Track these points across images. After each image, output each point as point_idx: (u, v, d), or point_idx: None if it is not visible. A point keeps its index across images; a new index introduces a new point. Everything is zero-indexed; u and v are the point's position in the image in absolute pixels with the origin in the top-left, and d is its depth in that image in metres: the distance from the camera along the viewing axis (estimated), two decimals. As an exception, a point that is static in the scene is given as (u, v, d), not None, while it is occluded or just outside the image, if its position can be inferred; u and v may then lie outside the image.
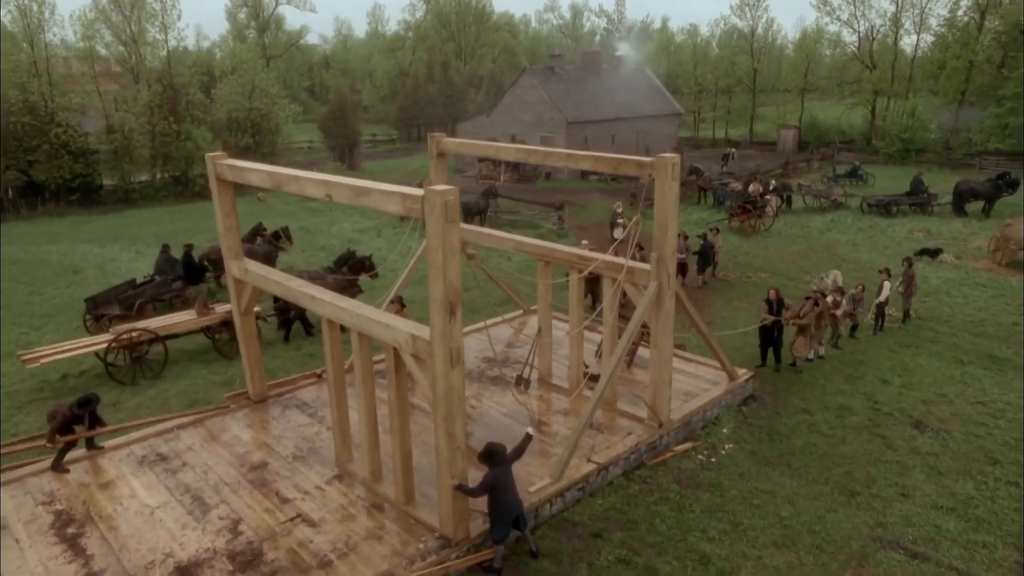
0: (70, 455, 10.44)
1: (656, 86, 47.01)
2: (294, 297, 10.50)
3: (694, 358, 14.12)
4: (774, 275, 21.58)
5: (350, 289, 16.88)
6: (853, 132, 50.59)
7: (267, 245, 20.16)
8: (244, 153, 40.46)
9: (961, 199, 28.28)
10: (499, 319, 16.49)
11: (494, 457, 8.45)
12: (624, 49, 54.94)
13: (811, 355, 14.72)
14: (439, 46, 75.17)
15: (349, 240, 26.36)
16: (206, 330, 15.60)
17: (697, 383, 13.07)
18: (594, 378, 13.17)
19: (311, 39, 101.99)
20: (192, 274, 18.00)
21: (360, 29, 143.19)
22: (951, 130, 43.70)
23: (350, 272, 17.72)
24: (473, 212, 27.17)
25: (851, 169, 36.21)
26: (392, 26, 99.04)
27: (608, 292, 11.33)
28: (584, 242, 18.66)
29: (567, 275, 12.27)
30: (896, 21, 47.51)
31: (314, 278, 16.79)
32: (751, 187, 29.07)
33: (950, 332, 16.74)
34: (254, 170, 10.34)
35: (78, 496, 9.70)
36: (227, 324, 15.21)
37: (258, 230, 21.36)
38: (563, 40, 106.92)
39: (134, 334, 14.21)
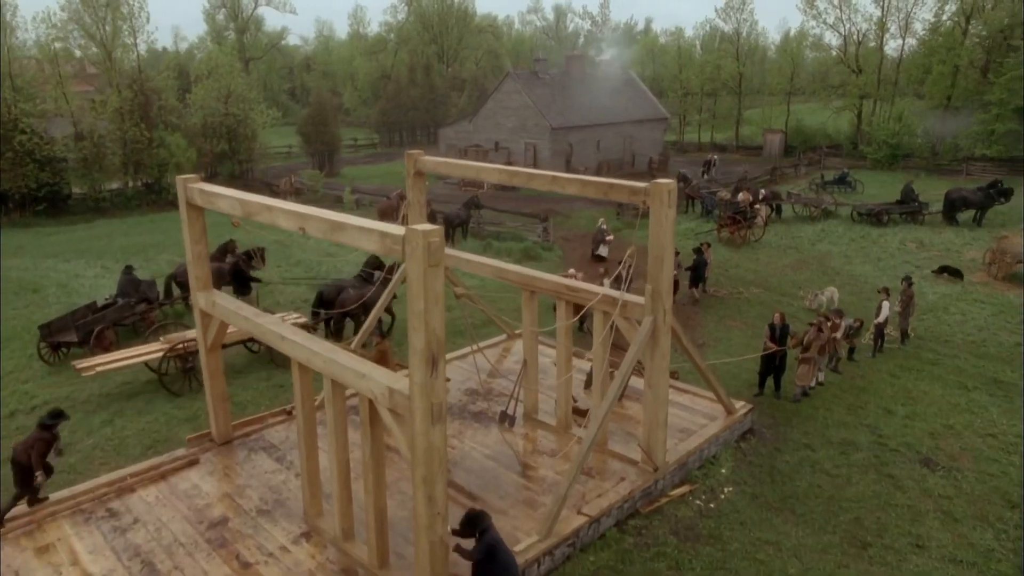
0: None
1: (641, 90, 46.38)
2: (263, 335, 9.64)
3: (688, 388, 13.35)
4: (767, 291, 20.92)
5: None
6: (839, 136, 50.27)
7: (237, 265, 19.18)
8: (220, 159, 39.40)
9: (953, 208, 27.81)
10: (482, 344, 15.65)
11: (477, 525, 7.61)
12: (609, 52, 54.29)
13: (813, 383, 14.00)
14: (421, 48, 74.24)
15: (327, 253, 25.40)
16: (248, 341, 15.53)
17: (692, 418, 12.30)
18: (583, 413, 12.39)
19: (292, 41, 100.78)
20: (240, 283, 17.58)
21: (341, 31, 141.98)
22: (937, 135, 43.39)
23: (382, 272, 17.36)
24: (455, 224, 26.30)
25: (839, 176, 35.75)
26: (374, 28, 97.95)
27: (599, 327, 10.52)
28: (571, 271, 17.90)
29: (554, 307, 11.44)
30: (881, 25, 47.20)
31: (352, 286, 16.94)
32: (740, 196, 28.46)
33: (951, 354, 16.10)
34: (225, 196, 9.47)
35: (9, 566, 8.73)
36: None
37: (228, 248, 20.34)
38: (547, 42, 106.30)
39: (188, 343, 14.23)
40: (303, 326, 15.79)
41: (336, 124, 46.12)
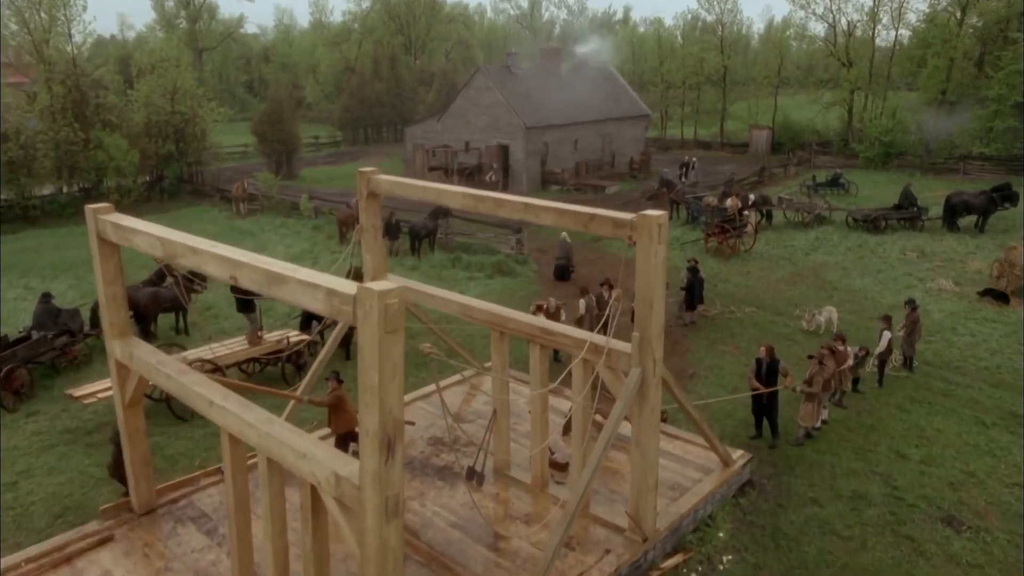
0: None
1: (621, 85, 45.59)
2: (186, 396, 8.58)
3: (679, 435, 12.43)
4: (760, 309, 20.13)
5: None
6: (829, 133, 49.90)
7: (176, 288, 17.99)
8: (166, 162, 37.83)
9: (954, 213, 27.30)
10: (448, 381, 14.64)
11: None
12: (586, 45, 53.45)
13: (818, 423, 13.15)
14: (387, 39, 72.83)
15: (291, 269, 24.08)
16: (256, 359, 15.68)
17: (685, 471, 11.38)
18: (562, 467, 11.43)
19: (249, 30, 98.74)
20: (242, 303, 16.91)
21: (303, 19, 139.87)
22: (932, 132, 43.16)
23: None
24: (421, 235, 25.21)
25: (832, 177, 35.20)
26: (337, 16, 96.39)
27: (579, 378, 9.55)
28: (551, 299, 16.88)
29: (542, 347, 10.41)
30: (873, 16, 46.90)
31: None
32: (728, 202, 27.70)
33: (964, 383, 15.39)
34: (144, 234, 8.40)
35: None
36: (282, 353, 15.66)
37: (166, 270, 19.03)
38: (521, 31, 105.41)
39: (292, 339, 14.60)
40: (297, 346, 15.87)
41: (294, 122, 44.61)
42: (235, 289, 17.64)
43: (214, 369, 14.16)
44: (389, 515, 6.22)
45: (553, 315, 15.99)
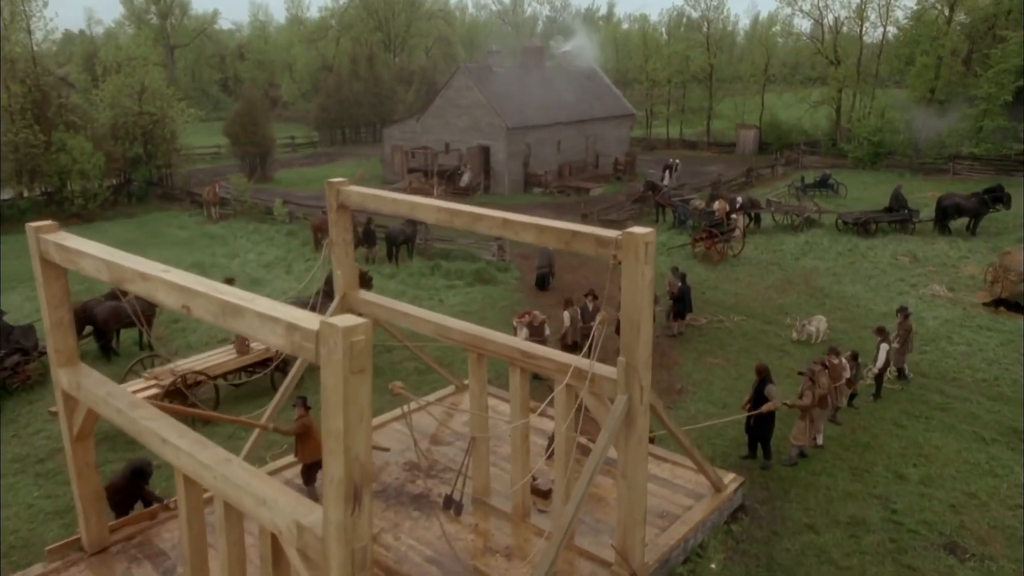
0: None
1: (605, 84, 45.28)
2: (138, 433, 8.06)
3: (668, 457, 12.02)
4: (750, 317, 19.79)
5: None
6: (817, 132, 49.85)
7: (136, 302, 17.34)
8: (133, 165, 36.99)
9: (945, 216, 27.16)
10: (425, 400, 14.14)
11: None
12: (569, 42, 53.09)
13: (813, 443, 12.78)
14: (365, 36, 72.16)
15: (253, 280, 23.53)
16: (246, 369, 15.46)
17: (675, 497, 10.97)
18: (544, 494, 10.98)
19: (223, 25, 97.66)
20: None
21: (279, 14, 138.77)
22: (921, 131, 43.19)
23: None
24: (399, 242, 24.68)
25: (821, 178, 35.03)
26: (314, 12, 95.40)
27: (562, 404, 9.09)
28: (535, 312, 16.42)
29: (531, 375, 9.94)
30: (861, 13, 46.89)
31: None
32: (716, 205, 27.40)
33: (962, 395, 15.11)
34: (90, 256, 7.89)
35: None
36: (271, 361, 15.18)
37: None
38: (503, 27, 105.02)
39: (188, 377, 14.06)
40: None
41: (268, 123, 43.81)
42: None
43: (196, 383, 14.19)
44: (356, 569, 5.76)
45: (537, 329, 15.56)
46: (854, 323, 19.29)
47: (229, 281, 17.84)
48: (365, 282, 18.97)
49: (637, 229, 7.94)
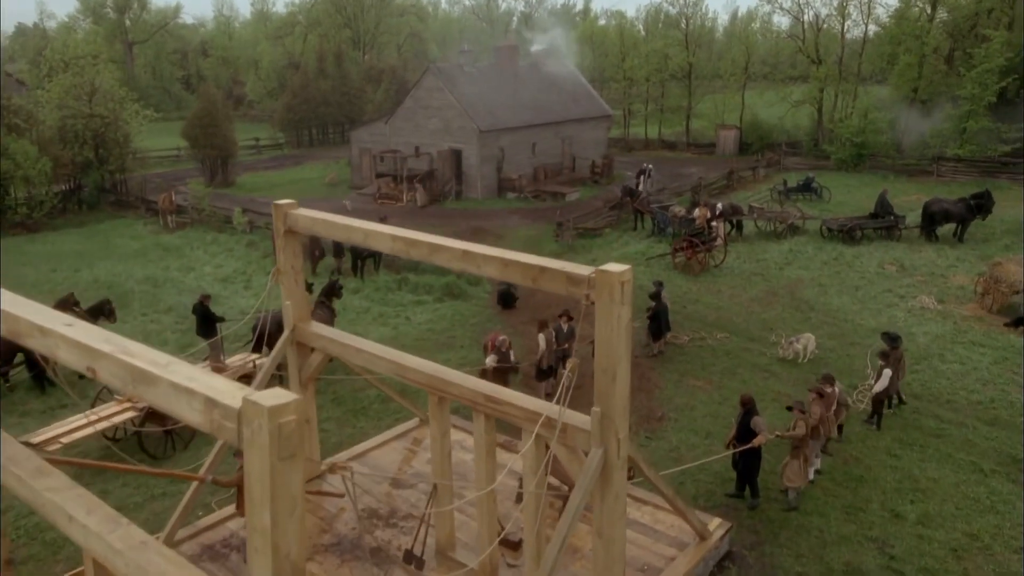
0: None
1: (582, 84, 44.68)
2: (41, 505, 7.16)
3: (649, 499, 11.30)
4: (734, 334, 19.20)
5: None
6: (799, 132, 49.65)
7: (204, 304, 16.80)
8: (84, 170, 35.74)
9: (932, 222, 26.82)
10: (386, 436, 13.39)
11: None
12: (545, 39, 52.48)
13: (807, 480, 12.14)
14: (333, 33, 71.06)
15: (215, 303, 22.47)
16: None
17: (656, 546, 10.28)
18: (515, 546, 10.24)
19: (186, 20, 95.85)
20: (205, 326, 16.46)
21: (244, 9, 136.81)
22: (904, 131, 43.10)
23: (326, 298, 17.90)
24: (364, 255, 23.81)
25: (804, 182, 34.67)
26: (280, 8, 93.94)
27: (532, 456, 8.36)
28: (498, 335, 15.36)
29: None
30: (842, 10, 46.73)
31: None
32: (697, 212, 26.85)
33: (957, 420, 14.60)
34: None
35: None
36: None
37: (68, 301, 17.39)
38: (477, 23, 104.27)
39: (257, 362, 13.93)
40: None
41: (230, 124, 42.65)
42: (195, 309, 16.77)
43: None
44: None
45: (504, 356, 14.82)
46: (842, 339, 18.77)
47: (206, 298, 17.03)
48: (336, 291, 18.69)
49: (612, 267, 7.23)
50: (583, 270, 7.44)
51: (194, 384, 5.01)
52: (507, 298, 21.36)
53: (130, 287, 23.29)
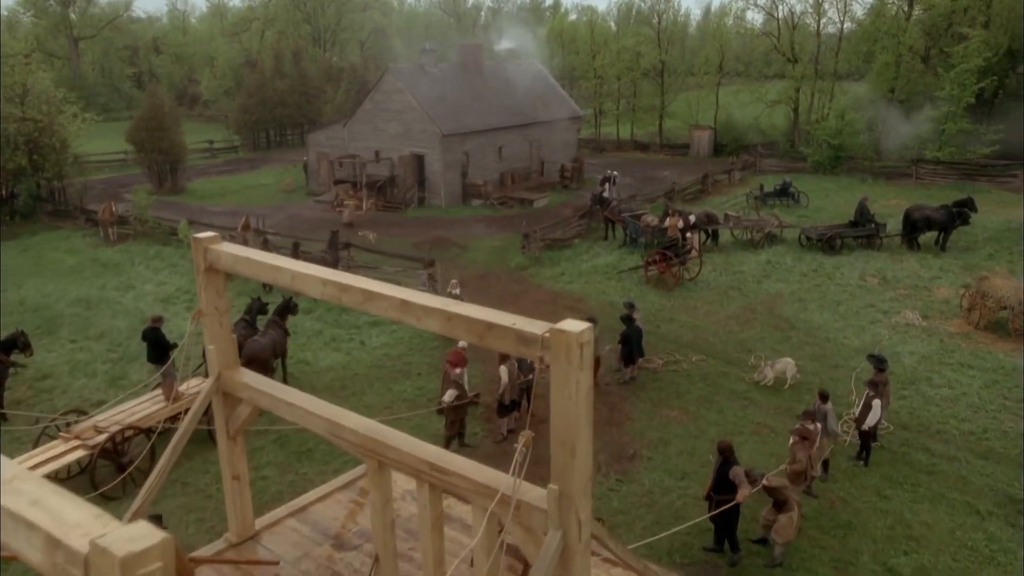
0: None
1: (551, 84, 43.88)
2: None
3: (619, 558, 10.39)
4: (710, 356, 18.46)
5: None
6: (775, 132, 49.32)
7: (157, 330, 15.70)
8: (17, 177, 34.08)
9: (914, 229, 26.38)
10: (332, 486, 12.36)
11: None
12: (512, 37, 51.62)
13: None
14: (291, 29, 69.57)
15: (144, 320, 21.27)
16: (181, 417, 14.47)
17: (628, 618, 9.40)
18: (469, 622, 9.30)
19: (138, 14, 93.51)
20: (157, 352, 15.70)
21: (200, 3, 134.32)
22: (882, 132, 42.89)
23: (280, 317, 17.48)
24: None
25: (781, 187, 34.14)
26: (237, 1, 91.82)
27: (482, 538, 7.43)
28: (455, 369, 14.32)
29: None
30: (818, 7, 46.44)
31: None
32: (668, 221, 26.11)
33: (948, 453, 13.96)
34: None
35: None
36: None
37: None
38: (444, 19, 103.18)
39: (114, 431, 13.04)
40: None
41: (178, 128, 41.08)
42: (146, 334, 15.84)
43: (126, 439, 13.39)
44: None
45: (462, 390, 13.92)
46: (825, 361, 18.12)
47: (158, 321, 15.86)
48: (291, 309, 18.13)
49: (570, 325, 6.29)
50: (536, 328, 6.50)
51: (36, 513, 4.01)
52: None
53: (60, 310, 21.96)
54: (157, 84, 49.22)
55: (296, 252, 23.58)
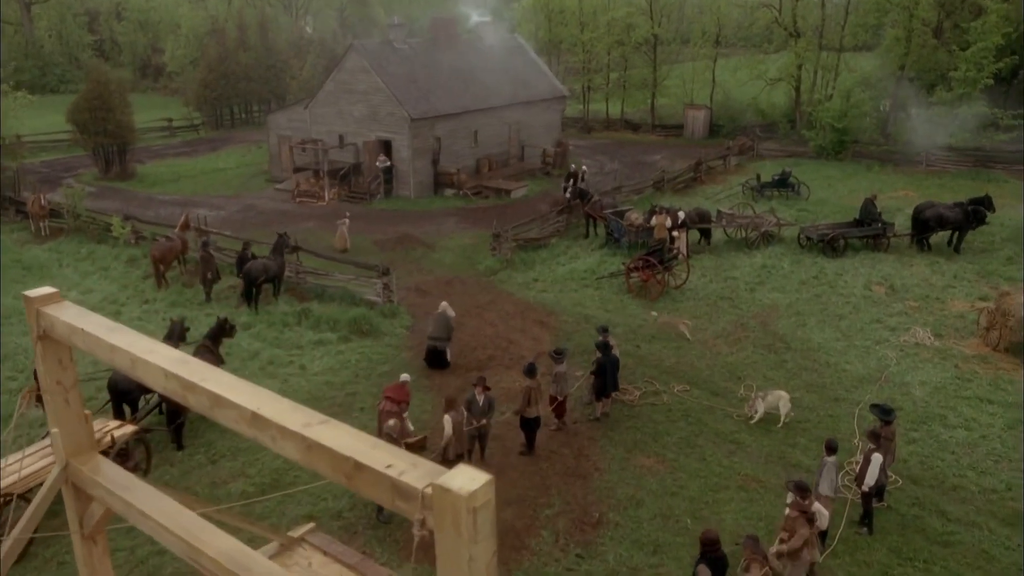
0: None
1: (532, 60, 41.86)
2: None
3: None
4: (694, 386, 16.84)
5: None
6: (775, 113, 47.41)
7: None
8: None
9: (925, 229, 24.74)
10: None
11: None
12: (491, 10, 49.44)
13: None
14: (259, -3, 67.07)
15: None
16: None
17: None
18: None
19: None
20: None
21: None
22: (889, 113, 41.11)
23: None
24: (258, 281, 20.91)
25: (780, 177, 32.36)
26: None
27: None
28: (385, 408, 12.76)
29: None
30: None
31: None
32: (655, 220, 24.41)
33: (967, 518, 12.39)
34: None
35: None
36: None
37: None
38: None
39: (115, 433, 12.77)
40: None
41: (126, 108, 38.84)
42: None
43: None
44: None
45: (412, 446, 12.21)
46: (823, 393, 16.53)
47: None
48: (227, 331, 16.98)
49: (460, 480, 4.59)
50: (416, 479, 4.79)
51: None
52: (438, 357, 17.75)
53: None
54: (96, 64, 46.62)
55: (245, 254, 21.80)
